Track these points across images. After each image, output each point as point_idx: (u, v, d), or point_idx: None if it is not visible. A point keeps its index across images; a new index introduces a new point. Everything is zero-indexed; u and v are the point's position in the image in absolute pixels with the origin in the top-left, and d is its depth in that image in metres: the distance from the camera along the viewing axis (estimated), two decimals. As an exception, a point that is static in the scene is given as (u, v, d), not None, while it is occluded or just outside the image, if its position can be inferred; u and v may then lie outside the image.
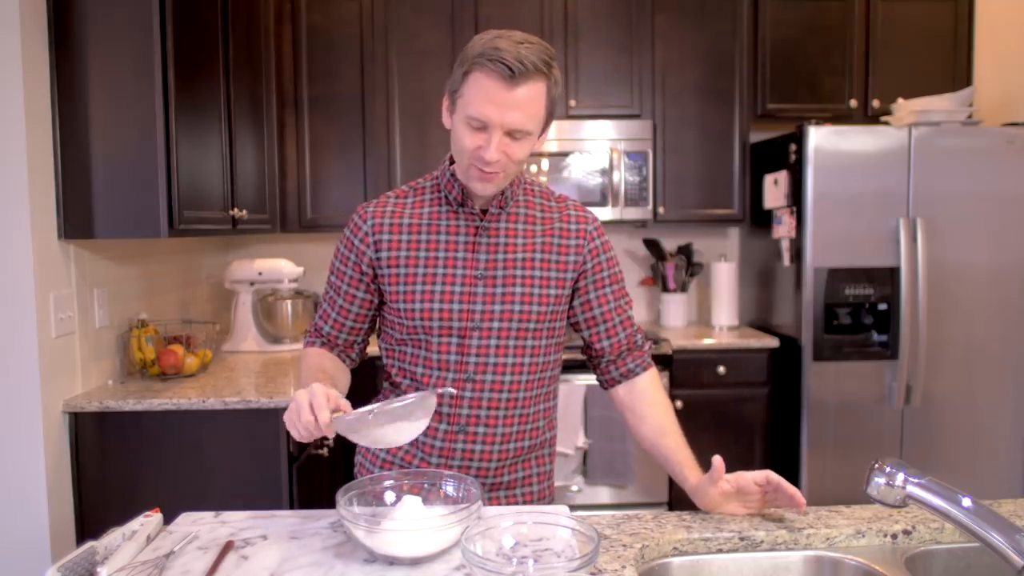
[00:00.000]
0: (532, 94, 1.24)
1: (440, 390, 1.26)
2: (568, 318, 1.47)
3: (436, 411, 1.38)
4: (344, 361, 1.49)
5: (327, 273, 1.48)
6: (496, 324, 1.36)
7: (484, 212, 1.39)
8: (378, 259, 1.39)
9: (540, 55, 1.23)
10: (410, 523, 1.09)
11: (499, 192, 1.37)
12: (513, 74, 1.20)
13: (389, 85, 3.36)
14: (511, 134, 1.25)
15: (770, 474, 1.26)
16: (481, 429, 1.38)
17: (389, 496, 1.21)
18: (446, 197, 1.40)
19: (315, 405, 1.13)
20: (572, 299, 1.45)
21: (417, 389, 1.40)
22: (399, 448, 1.42)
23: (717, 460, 1.27)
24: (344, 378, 1.45)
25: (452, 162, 1.39)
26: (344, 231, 1.44)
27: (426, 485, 1.23)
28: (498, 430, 1.39)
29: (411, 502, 1.15)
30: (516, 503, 1.44)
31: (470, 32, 3.33)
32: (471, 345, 1.36)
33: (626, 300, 1.48)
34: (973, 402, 3.13)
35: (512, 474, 1.43)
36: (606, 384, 1.50)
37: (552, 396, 1.49)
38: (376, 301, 1.44)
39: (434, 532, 1.08)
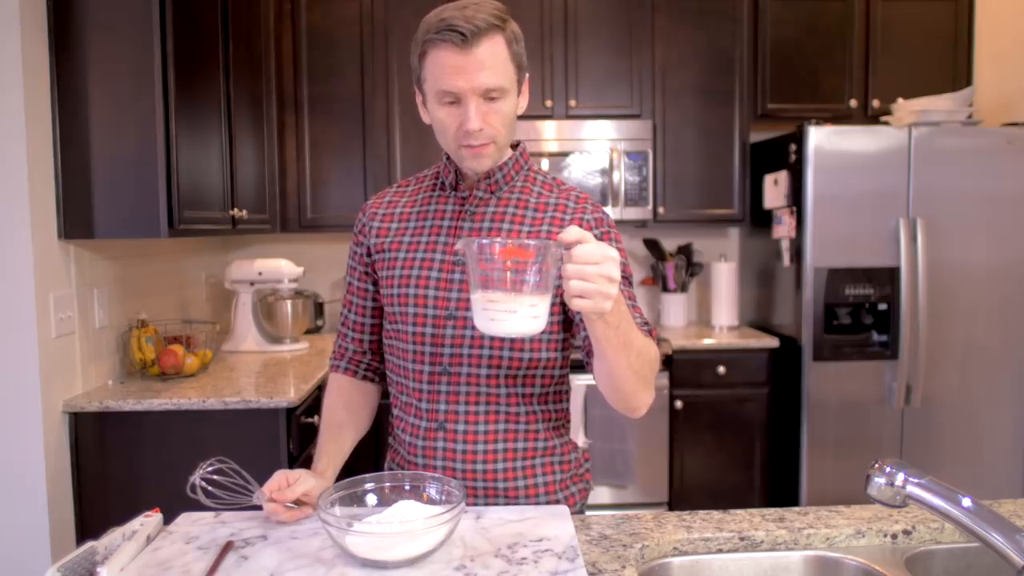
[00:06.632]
0: (492, 50, 1.20)
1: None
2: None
3: (415, 406, 1.34)
4: (373, 380, 1.47)
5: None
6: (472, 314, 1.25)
7: None
8: (372, 246, 1.38)
9: (490, 12, 1.20)
10: (382, 527, 1.07)
11: (488, 175, 1.32)
12: (465, 37, 1.17)
13: (389, 85, 3.36)
14: (486, 97, 1.21)
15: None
16: (461, 426, 1.31)
17: (371, 499, 1.19)
18: (442, 182, 1.37)
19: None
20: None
21: (398, 383, 1.37)
22: (404, 449, 1.38)
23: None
24: (365, 417, 1.45)
25: None
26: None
27: (407, 487, 1.20)
28: (479, 427, 1.31)
29: (406, 506, 1.14)
30: None
31: (470, 32, 3.32)
32: (445, 335, 1.29)
33: (630, 304, 1.25)
34: (973, 402, 3.12)
35: (510, 481, 1.33)
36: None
37: (554, 398, 1.38)
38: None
39: (420, 533, 1.04)
